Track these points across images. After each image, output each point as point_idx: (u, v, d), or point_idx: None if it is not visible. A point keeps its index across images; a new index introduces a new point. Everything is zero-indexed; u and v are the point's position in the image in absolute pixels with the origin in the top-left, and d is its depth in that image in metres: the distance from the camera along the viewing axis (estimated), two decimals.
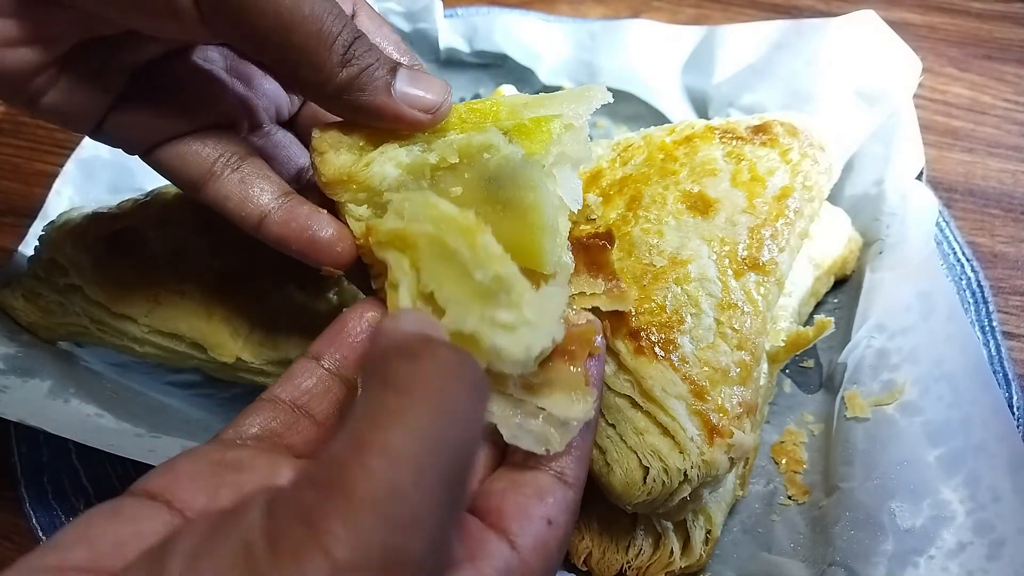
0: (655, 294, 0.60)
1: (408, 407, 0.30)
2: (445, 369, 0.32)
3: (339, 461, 0.29)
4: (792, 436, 0.71)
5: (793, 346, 0.67)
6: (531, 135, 0.50)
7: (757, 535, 0.66)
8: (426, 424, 0.29)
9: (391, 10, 1.00)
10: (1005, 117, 0.94)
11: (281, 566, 0.27)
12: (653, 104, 0.94)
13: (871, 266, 0.76)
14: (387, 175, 0.50)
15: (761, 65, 0.89)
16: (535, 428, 0.43)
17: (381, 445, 0.29)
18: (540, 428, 0.43)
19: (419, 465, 0.29)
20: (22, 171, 0.97)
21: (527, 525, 0.40)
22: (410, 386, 0.31)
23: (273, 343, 0.65)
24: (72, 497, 0.69)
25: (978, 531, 0.57)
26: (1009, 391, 0.69)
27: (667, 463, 0.55)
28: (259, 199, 0.52)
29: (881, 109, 0.81)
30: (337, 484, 0.28)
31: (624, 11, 1.10)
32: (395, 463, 0.28)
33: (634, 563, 0.62)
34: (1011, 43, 1.02)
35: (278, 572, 0.27)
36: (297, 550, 0.27)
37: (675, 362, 0.57)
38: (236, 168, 0.53)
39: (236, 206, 0.52)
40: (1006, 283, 0.80)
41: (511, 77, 1.00)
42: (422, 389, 0.30)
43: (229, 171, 0.52)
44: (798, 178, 0.67)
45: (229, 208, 0.52)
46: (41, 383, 0.67)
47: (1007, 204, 0.86)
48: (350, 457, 0.29)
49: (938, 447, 0.62)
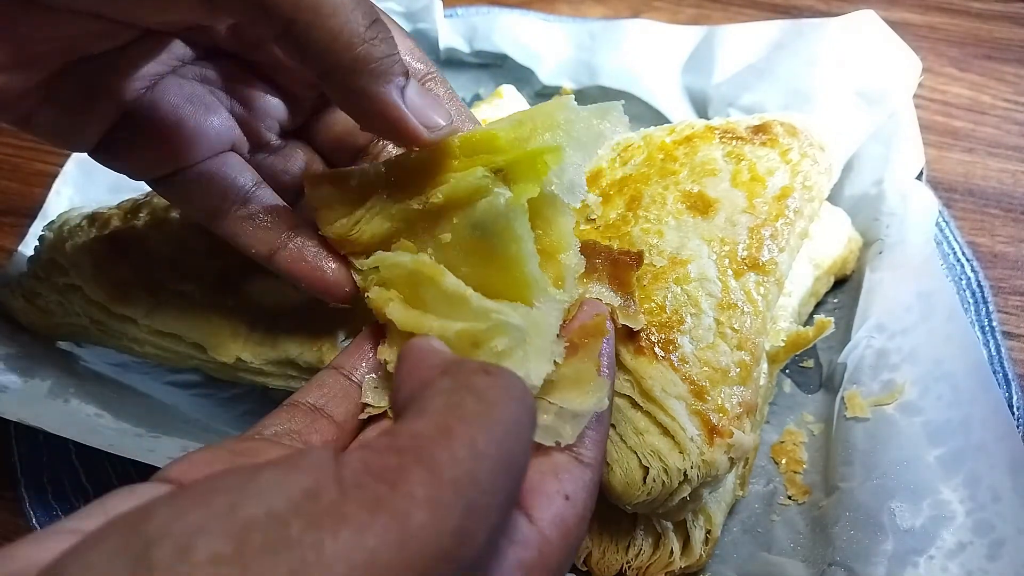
0: (655, 294, 0.60)
1: (488, 414, 0.32)
2: (513, 388, 0.35)
3: (425, 439, 0.30)
4: (792, 436, 0.71)
5: (793, 346, 0.67)
6: (525, 172, 0.46)
7: (757, 535, 0.66)
8: (501, 433, 0.32)
9: (391, 10, 1.00)
10: (1005, 117, 0.94)
11: (351, 516, 0.27)
12: (653, 104, 0.94)
13: (871, 266, 0.76)
14: (376, 231, 0.50)
15: (761, 65, 0.89)
16: (547, 422, 0.43)
17: (468, 439, 0.31)
18: (552, 422, 0.43)
19: (495, 465, 0.31)
20: (22, 171, 0.97)
21: (544, 501, 0.41)
22: (489, 396, 0.33)
23: (273, 343, 0.65)
24: (72, 497, 0.69)
25: (978, 531, 0.57)
26: (1009, 391, 0.69)
27: (667, 463, 0.55)
28: (268, 238, 0.53)
29: (881, 109, 0.81)
30: (423, 459, 0.29)
31: (624, 11, 1.10)
32: (479, 457, 0.30)
33: (634, 563, 0.62)
34: (1011, 43, 1.02)
35: (346, 523, 0.26)
36: (373, 504, 0.27)
37: (675, 362, 0.57)
38: (244, 203, 0.53)
39: (246, 243, 0.53)
40: (1006, 283, 0.80)
41: (511, 77, 1.00)
42: (499, 402, 0.33)
43: (236, 207, 0.53)
44: (798, 178, 0.67)
45: (239, 244, 0.53)
46: (41, 383, 0.67)
47: (1007, 204, 0.86)
48: (437, 439, 0.30)
49: (938, 447, 0.62)
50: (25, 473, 0.70)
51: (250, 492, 0.27)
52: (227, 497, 0.27)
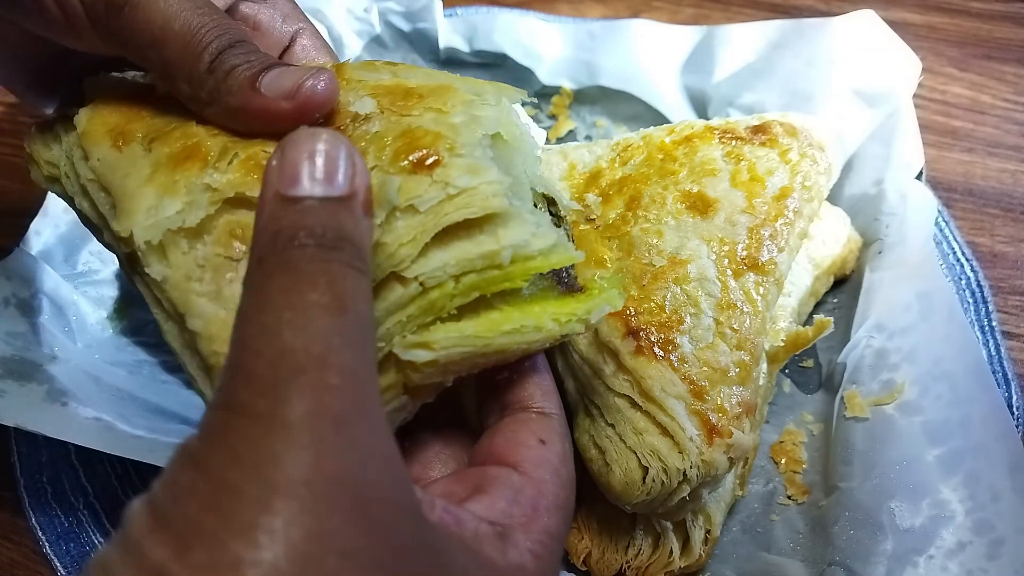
0: (654, 294, 0.60)
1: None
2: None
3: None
4: (791, 436, 0.71)
5: (792, 346, 0.67)
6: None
7: (756, 535, 0.66)
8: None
9: (391, 10, 1.00)
10: (1005, 117, 0.94)
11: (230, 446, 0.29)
12: (652, 104, 0.94)
13: (871, 266, 0.76)
14: None
15: (761, 65, 0.89)
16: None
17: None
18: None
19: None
20: (22, 171, 0.96)
21: (522, 449, 0.43)
22: None
23: None
24: (72, 497, 0.69)
25: (977, 530, 0.57)
26: (1008, 391, 0.69)
27: (666, 463, 0.55)
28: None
29: (881, 109, 0.81)
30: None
31: (624, 11, 1.10)
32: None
33: (633, 563, 0.62)
34: (1011, 43, 1.02)
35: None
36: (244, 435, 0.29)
37: (674, 362, 0.57)
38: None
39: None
40: (1005, 283, 0.80)
41: (511, 77, 1.00)
42: None
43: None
44: (797, 178, 0.67)
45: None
46: (38, 387, 0.67)
47: (1007, 204, 0.86)
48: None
49: (937, 447, 0.62)
50: (24, 473, 0.70)
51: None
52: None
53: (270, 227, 0.34)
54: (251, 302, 0.33)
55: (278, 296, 0.32)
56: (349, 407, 0.31)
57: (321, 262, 0.33)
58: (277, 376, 0.30)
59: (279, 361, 0.30)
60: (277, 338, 0.31)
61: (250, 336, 0.32)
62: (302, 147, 0.36)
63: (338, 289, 0.33)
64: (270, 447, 0.29)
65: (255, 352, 0.31)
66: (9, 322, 0.73)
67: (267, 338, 0.31)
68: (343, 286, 0.33)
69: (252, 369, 0.30)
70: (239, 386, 0.30)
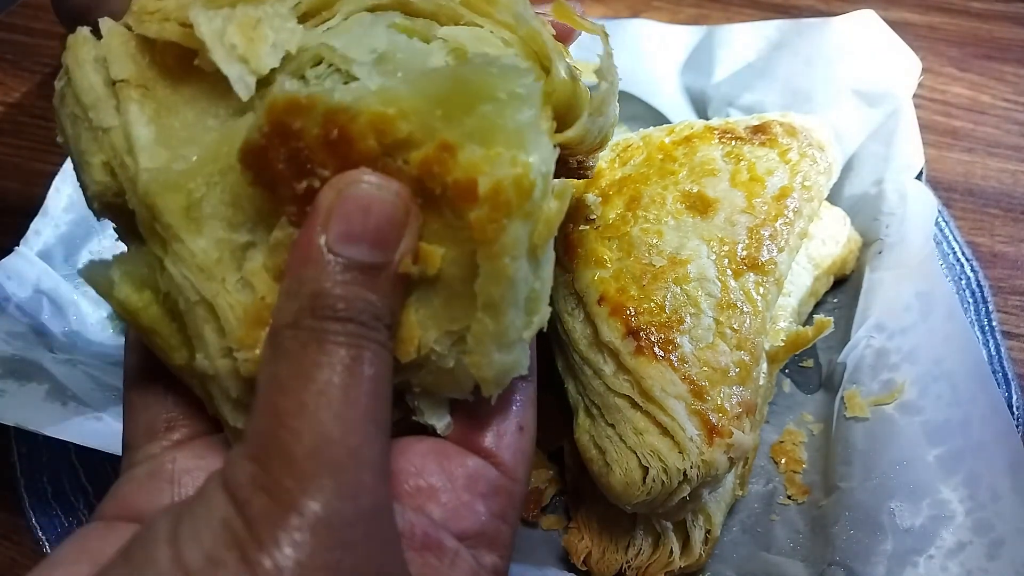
0: (654, 294, 0.60)
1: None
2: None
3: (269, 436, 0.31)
4: (791, 436, 0.71)
5: (792, 346, 0.67)
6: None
7: (757, 535, 0.66)
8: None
9: None
10: (1005, 117, 0.94)
11: (259, 531, 0.29)
12: (652, 104, 0.94)
13: (870, 266, 0.76)
14: None
15: (760, 65, 0.89)
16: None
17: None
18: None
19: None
20: (22, 171, 0.97)
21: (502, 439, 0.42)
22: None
23: None
24: (72, 497, 0.69)
25: (977, 530, 0.57)
26: (1008, 391, 0.69)
27: (667, 463, 0.55)
28: None
29: (881, 109, 0.81)
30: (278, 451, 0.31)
31: (624, 11, 1.10)
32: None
33: (634, 563, 0.62)
34: (1011, 43, 1.02)
35: (257, 539, 0.29)
36: (268, 516, 0.29)
37: (674, 362, 0.57)
38: None
39: None
40: (1005, 283, 0.80)
41: None
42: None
43: None
44: (797, 178, 0.67)
45: None
46: (38, 387, 0.67)
47: (1007, 204, 0.86)
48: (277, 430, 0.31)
49: (937, 447, 0.62)
50: (25, 473, 0.70)
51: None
52: None
53: (310, 286, 0.32)
54: (286, 370, 0.32)
55: (314, 371, 0.31)
56: (381, 500, 0.32)
57: (358, 339, 0.32)
58: (319, 465, 0.30)
59: (318, 452, 0.30)
60: (315, 421, 0.30)
61: (287, 412, 0.31)
62: (362, 195, 0.33)
63: (374, 373, 0.32)
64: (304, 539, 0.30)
65: (294, 433, 0.30)
66: (9, 322, 0.73)
67: (306, 421, 0.30)
68: (378, 370, 0.32)
69: (292, 454, 0.30)
70: (277, 468, 0.30)
